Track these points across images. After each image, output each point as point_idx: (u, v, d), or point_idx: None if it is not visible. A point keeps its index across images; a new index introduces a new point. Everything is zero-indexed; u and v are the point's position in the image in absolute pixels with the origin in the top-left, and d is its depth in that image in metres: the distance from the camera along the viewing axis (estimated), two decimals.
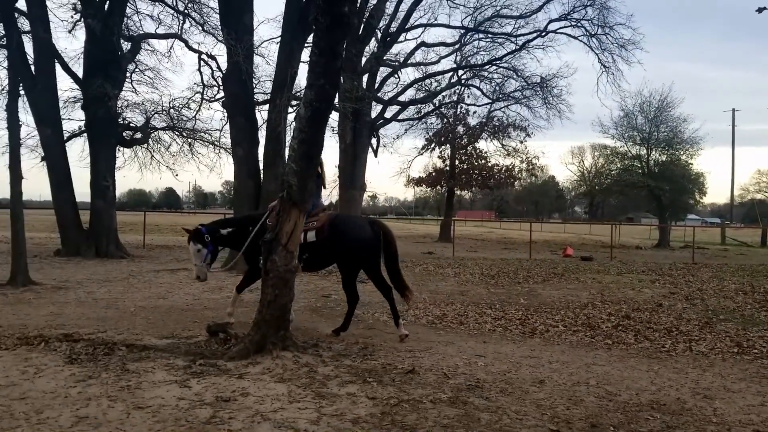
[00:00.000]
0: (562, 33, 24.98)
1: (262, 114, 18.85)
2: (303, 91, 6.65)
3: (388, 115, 29.22)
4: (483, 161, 38.07)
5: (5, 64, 14.95)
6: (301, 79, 18.31)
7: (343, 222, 7.85)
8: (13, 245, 11.26)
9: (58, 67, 18.04)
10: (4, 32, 14.73)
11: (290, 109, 17.23)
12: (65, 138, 18.93)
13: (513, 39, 25.85)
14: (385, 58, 26.49)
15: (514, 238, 38.69)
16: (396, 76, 28.38)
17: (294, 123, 8.25)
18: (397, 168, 61.36)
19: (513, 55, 26.58)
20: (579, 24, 24.35)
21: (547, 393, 5.18)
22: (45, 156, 17.75)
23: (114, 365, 5.39)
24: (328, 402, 4.59)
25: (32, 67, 16.97)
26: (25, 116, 15.90)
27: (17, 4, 15.05)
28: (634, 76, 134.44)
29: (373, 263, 7.69)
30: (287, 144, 15.00)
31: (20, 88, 13.86)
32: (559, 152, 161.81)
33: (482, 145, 37.65)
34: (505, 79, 28.24)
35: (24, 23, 17.19)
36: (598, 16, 23.68)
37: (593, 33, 24.01)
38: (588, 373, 6.12)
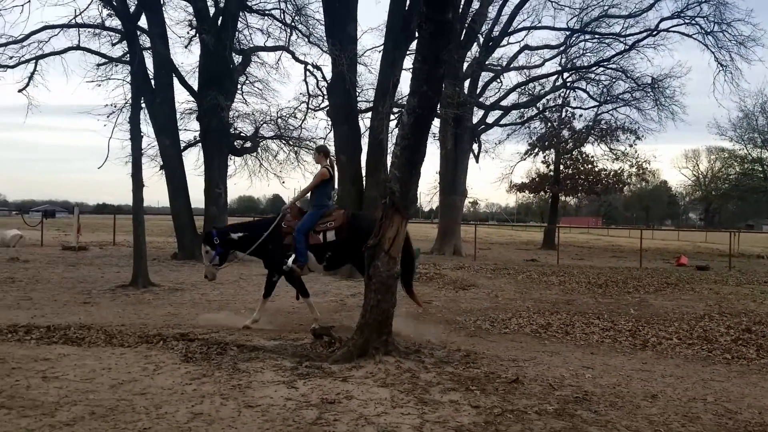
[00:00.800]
0: (674, 32, 23.83)
1: (364, 121, 19.21)
2: (405, 99, 6.71)
3: (489, 120, 28.93)
4: (589, 166, 36.74)
5: (128, 79, 15.97)
6: (404, 86, 18.49)
7: (362, 220, 8.07)
8: (135, 249, 12.06)
9: (175, 81, 19.19)
10: (127, 49, 15.78)
11: (392, 117, 17.44)
12: (182, 148, 20.08)
13: (622, 39, 24.94)
14: (487, 62, 26.26)
15: (622, 245, 37.11)
16: (498, 80, 28.06)
17: (396, 130, 8.36)
18: (498, 173, 60.73)
19: (622, 55, 25.65)
20: (693, 21, 23.17)
21: (660, 408, 4.92)
22: (163, 165, 18.89)
23: (226, 364, 5.63)
24: (430, 408, 4.57)
25: (152, 82, 18.12)
26: (146, 128, 16.99)
27: (139, 23, 16.12)
28: (754, 74, 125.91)
29: None
30: (389, 151, 15.20)
31: (141, 102, 14.85)
32: (671, 156, 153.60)
33: (589, 149, 36.34)
34: (614, 80, 27.29)
35: (145, 40, 18.41)
36: (714, 12, 22.44)
37: (709, 30, 22.77)
38: (705, 388, 5.76)
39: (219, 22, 18.77)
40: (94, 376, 5.17)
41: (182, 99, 21.43)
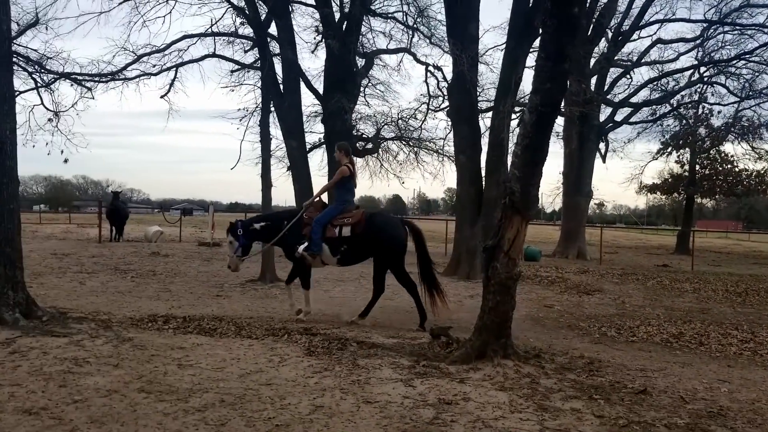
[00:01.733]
0: None
1: (484, 121, 19.00)
2: (527, 97, 6.58)
3: (618, 117, 27.66)
4: (729, 166, 34.19)
5: (259, 84, 16.78)
6: (525, 84, 18.09)
7: (379, 220, 8.62)
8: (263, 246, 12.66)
9: (302, 86, 19.92)
10: (258, 56, 16.59)
11: (513, 116, 17.12)
12: (308, 149, 20.81)
13: (766, 30, 22.95)
14: (615, 58, 25.15)
15: (765, 251, 34.22)
16: (628, 76, 26.78)
17: (517, 129, 8.21)
18: (627, 174, 57.75)
19: (766, 47, 23.60)
20: None
21: None
22: (290, 166, 19.65)
23: (346, 360, 5.76)
24: (551, 415, 4.44)
25: (281, 86, 18.93)
26: (275, 130, 17.74)
27: (269, 30, 16.90)
28: None
29: (401, 259, 8.48)
30: (510, 150, 14.93)
31: (271, 106, 15.56)
32: None
33: (728, 147, 33.83)
34: (757, 74, 25.21)
35: (274, 47, 19.25)
36: None
37: None
38: None
39: (344, 26, 19.27)
40: (225, 366, 5.47)
41: (308, 102, 22.22)
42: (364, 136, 23.47)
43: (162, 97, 18.41)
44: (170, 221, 33.04)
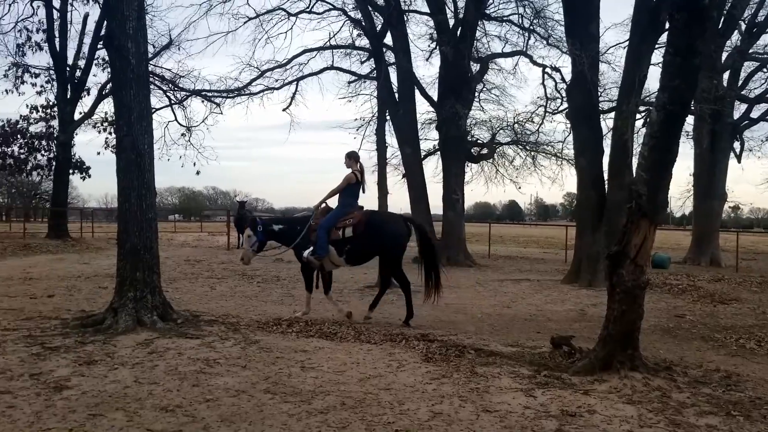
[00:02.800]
0: None
1: (606, 122, 18.28)
2: (652, 96, 6.25)
3: (754, 114, 25.63)
4: None
5: (375, 93, 17.12)
6: (650, 82, 17.23)
7: (378, 217, 9.13)
8: None
9: (416, 93, 20.12)
10: (374, 66, 16.94)
11: (638, 116, 16.34)
12: (422, 156, 20.96)
13: None
14: (750, 51, 23.39)
15: None
16: (765, 70, 24.79)
17: (642, 129, 7.83)
18: (766, 174, 53.42)
19: None
20: None
21: None
22: (405, 173, 19.89)
23: (464, 367, 5.72)
24: (683, 431, 4.18)
25: (395, 95, 19.22)
26: (390, 138, 18.05)
27: (384, 40, 17.23)
28: None
29: (399, 254, 8.84)
30: (635, 152, 14.25)
31: (386, 114, 15.82)
32: None
33: None
34: None
35: (389, 56, 19.59)
36: None
37: None
38: None
39: (458, 32, 19.27)
40: (345, 369, 5.60)
41: (422, 110, 22.39)
42: (479, 141, 23.30)
43: (284, 110, 19.26)
44: None
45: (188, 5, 26.21)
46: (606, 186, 15.13)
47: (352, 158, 9.09)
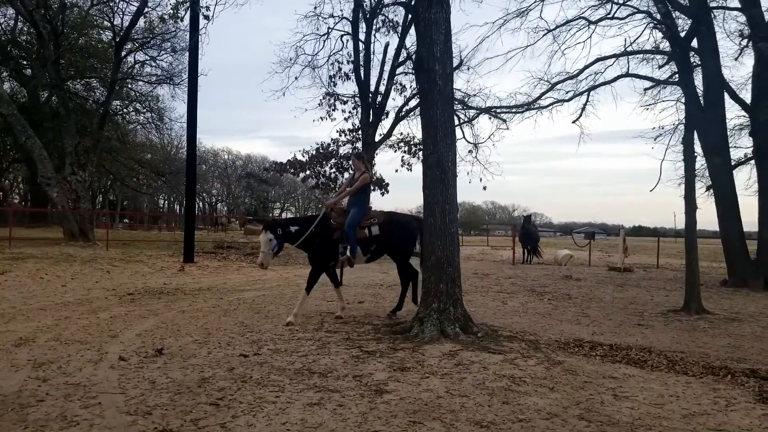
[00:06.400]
0: None
1: None
2: None
3: None
4: None
5: (680, 99, 15.73)
6: None
7: (397, 217, 9.81)
8: (687, 273, 11.66)
9: (725, 97, 17.98)
10: (676, 69, 15.57)
11: None
12: (732, 166, 18.65)
13: None
14: None
15: None
16: None
17: None
18: None
19: None
20: None
21: None
22: (712, 185, 17.86)
23: None
24: None
25: (701, 99, 17.39)
26: (695, 147, 16.36)
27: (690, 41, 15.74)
28: None
29: (410, 252, 9.56)
30: None
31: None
32: None
33: None
34: None
35: (693, 58, 17.84)
36: None
37: None
38: None
39: None
40: (663, 402, 5.11)
41: (731, 115, 20.01)
42: None
43: (574, 122, 18.74)
44: (579, 245, 33.28)
45: (482, 24, 27.12)
46: None
47: (362, 160, 9.65)
